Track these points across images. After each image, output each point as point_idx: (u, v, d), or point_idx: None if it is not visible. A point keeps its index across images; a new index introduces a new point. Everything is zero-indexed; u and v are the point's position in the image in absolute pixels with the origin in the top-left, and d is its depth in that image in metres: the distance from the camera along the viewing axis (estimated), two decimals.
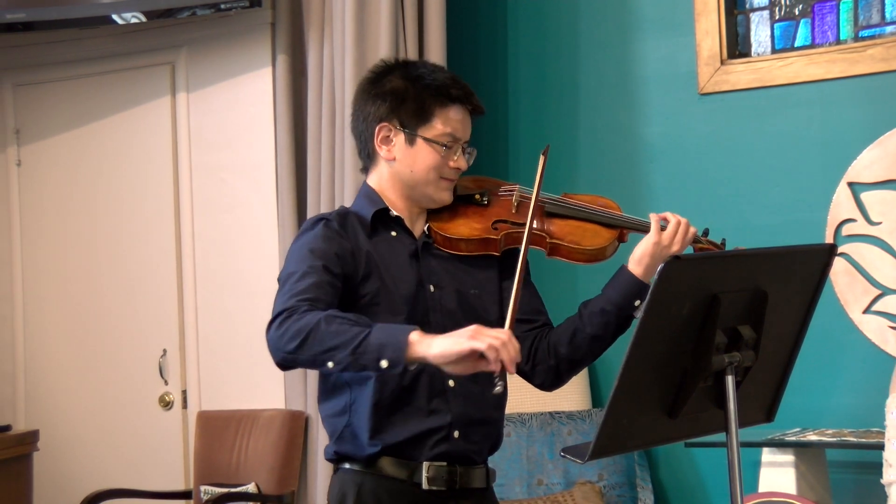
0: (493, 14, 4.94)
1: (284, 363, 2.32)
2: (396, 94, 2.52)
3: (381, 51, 4.47)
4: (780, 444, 3.90)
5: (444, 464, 2.48)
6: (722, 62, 4.44)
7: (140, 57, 5.18)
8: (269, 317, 2.47)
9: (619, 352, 2.12)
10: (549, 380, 2.58)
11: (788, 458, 3.90)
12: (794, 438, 3.92)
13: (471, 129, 2.58)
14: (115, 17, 4.87)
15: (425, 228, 2.57)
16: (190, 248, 5.08)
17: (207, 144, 5.07)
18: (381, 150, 2.54)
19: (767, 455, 3.95)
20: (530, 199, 2.51)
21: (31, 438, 4.73)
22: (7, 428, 4.75)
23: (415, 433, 2.47)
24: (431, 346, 2.21)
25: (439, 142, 2.51)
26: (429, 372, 2.46)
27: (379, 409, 2.46)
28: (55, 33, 5.13)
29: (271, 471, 4.61)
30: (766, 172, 4.38)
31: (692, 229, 2.52)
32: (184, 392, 5.12)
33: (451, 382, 2.48)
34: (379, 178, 2.57)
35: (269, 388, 4.86)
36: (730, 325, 2.12)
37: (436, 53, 4.62)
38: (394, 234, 2.55)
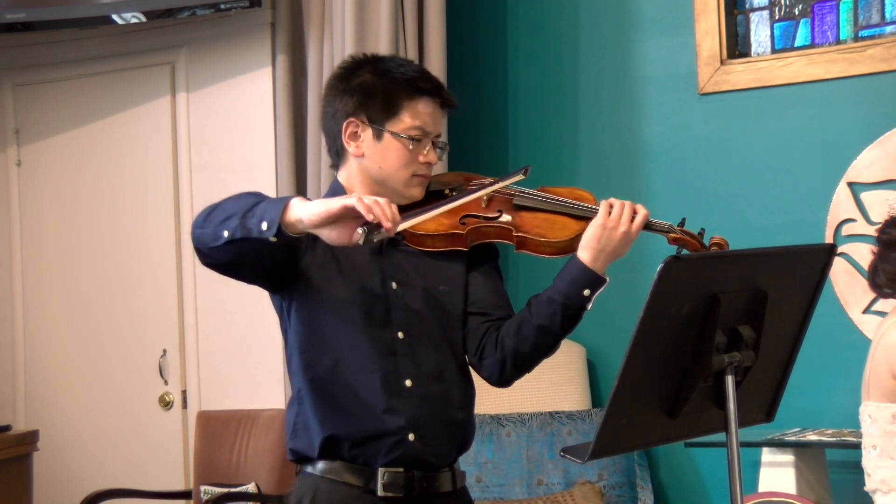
0: (493, 14, 4.94)
1: (196, 242, 2.34)
2: (364, 89, 2.47)
3: (381, 51, 4.46)
4: (779, 444, 3.90)
5: (401, 469, 2.42)
6: (722, 62, 4.44)
7: (140, 57, 5.18)
8: (269, 317, 2.48)
9: (619, 352, 2.12)
10: (495, 374, 2.48)
11: (788, 458, 3.90)
12: (793, 438, 3.92)
13: (442, 123, 2.52)
14: (114, 17, 4.87)
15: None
16: (190, 248, 5.05)
17: (207, 144, 5.07)
18: (350, 147, 2.48)
19: (767, 455, 3.95)
20: (501, 192, 2.48)
21: (30, 438, 4.73)
22: (7, 428, 4.75)
23: (367, 434, 2.41)
24: (305, 207, 2.19)
25: (407, 136, 2.44)
26: (384, 371, 2.41)
27: (326, 397, 2.42)
28: (55, 33, 5.13)
29: (271, 471, 4.61)
30: (766, 172, 4.38)
31: (642, 213, 2.45)
32: (184, 392, 5.12)
33: (408, 382, 2.42)
34: (348, 174, 2.52)
35: (268, 388, 4.86)
36: (730, 325, 2.12)
37: (436, 53, 4.62)
38: (360, 231, 2.47)
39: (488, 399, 4.52)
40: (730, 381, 2.13)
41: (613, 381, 2.02)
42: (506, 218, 2.48)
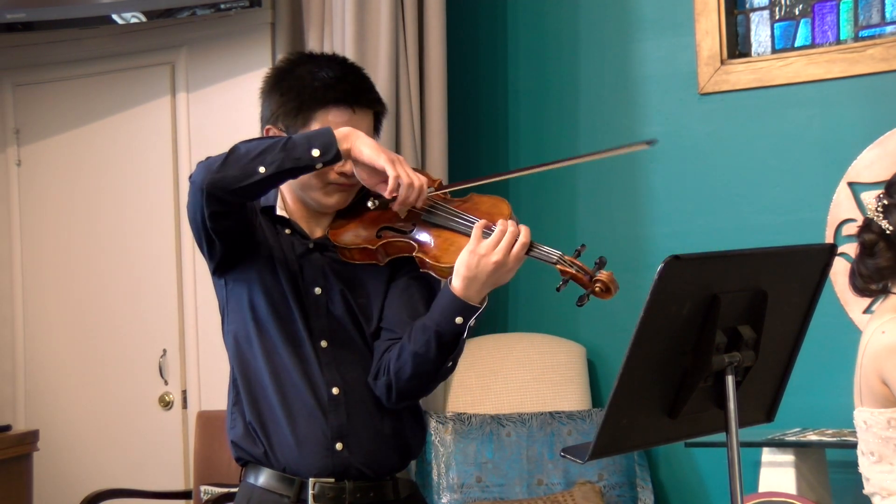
0: (493, 14, 4.94)
1: (210, 188, 2.24)
2: (281, 95, 2.41)
3: (381, 51, 4.47)
4: (780, 444, 3.90)
5: (332, 480, 2.35)
6: (722, 62, 4.44)
7: (140, 57, 5.18)
8: None
9: (619, 352, 2.11)
10: (384, 396, 2.37)
11: (788, 458, 3.90)
12: (794, 438, 3.92)
13: (367, 127, 2.39)
14: (115, 17, 4.87)
15: (328, 232, 2.43)
16: (190, 248, 5.08)
17: (207, 144, 5.05)
18: None
19: (767, 455, 3.95)
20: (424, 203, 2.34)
21: (31, 438, 4.73)
22: (7, 428, 4.74)
23: (293, 438, 2.36)
24: (359, 140, 2.23)
25: None
26: (311, 378, 2.36)
27: (258, 393, 2.38)
28: (55, 33, 5.13)
29: None
30: (766, 172, 4.38)
31: (523, 240, 2.22)
32: (184, 392, 5.12)
33: (335, 390, 2.36)
34: None
35: None
36: (730, 325, 2.12)
37: (436, 53, 4.62)
38: (288, 231, 2.43)
39: (488, 399, 4.52)
40: (730, 381, 2.13)
41: (613, 381, 2.02)
42: (413, 233, 2.34)
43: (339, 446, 2.36)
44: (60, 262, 5.35)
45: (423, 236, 2.33)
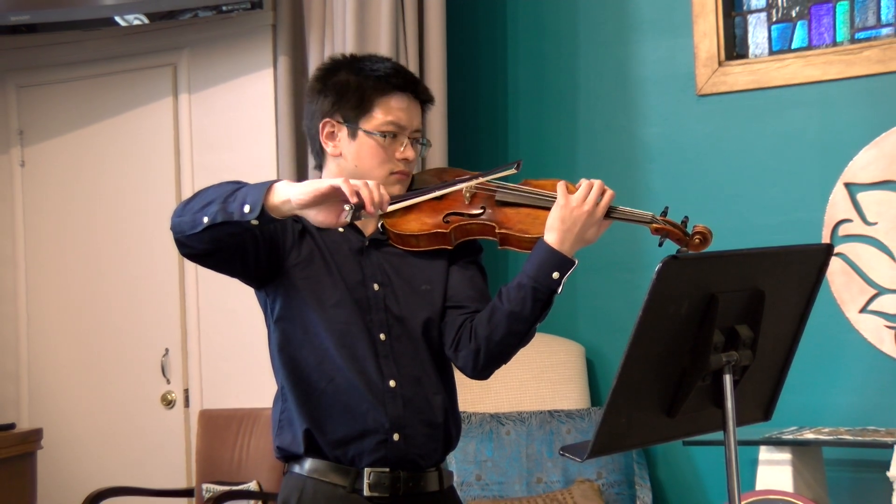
0: (493, 14, 4.95)
1: (174, 232, 2.29)
2: (338, 88, 2.47)
3: (382, 51, 4.49)
4: (777, 443, 3.92)
5: (387, 470, 2.42)
6: (720, 63, 4.46)
7: (142, 58, 5.20)
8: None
9: (618, 351, 2.13)
10: (469, 364, 2.45)
11: (785, 456, 3.92)
12: (791, 437, 3.94)
13: (419, 118, 2.51)
14: (117, 18, 4.88)
15: (379, 226, 2.51)
16: None
17: (209, 145, 5.09)
18: (328, 147, 2.49)
19: (765, 453, 3.97)
20: (484, 188, 2.49)
21: (34, 437, 4.74)
22: (11, 426, 4.76)
23: (351, 432, 2.42)
24: (293, 187, 2.18)
25: (380, 132, 2.45)
26: (367, 372, 2.41)
27: (310, 395, 2.43)
28: (58, 35, 5.15)
29: (273, 469, 4.62)
30: (764, 173, 4.40)
31: (609, 192, 2.42)
32: (186, 391, 5.14)
33: (392, 383, 2.43)
34: (328, 175, 2.51)
35: (270, 387, 4.83)
36: (727, 325, 2.13)
37: (436, 53, 4.63)
38: (341, 230, 2.47)
39: (488, 397, 4.54)
40: (727, 380, 2.14)
41: (612, 380, 2.04)
42: (489, 214, 2.47)
43: (396, 437, 2.43)
44: (63, 261, 5.37)
45: (501, 216, 2.46)
